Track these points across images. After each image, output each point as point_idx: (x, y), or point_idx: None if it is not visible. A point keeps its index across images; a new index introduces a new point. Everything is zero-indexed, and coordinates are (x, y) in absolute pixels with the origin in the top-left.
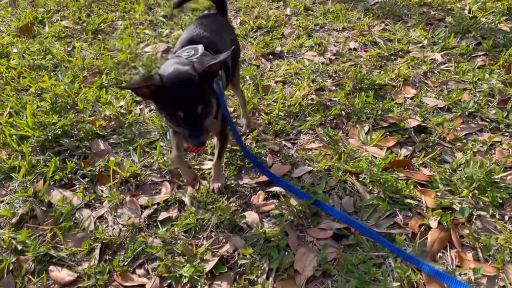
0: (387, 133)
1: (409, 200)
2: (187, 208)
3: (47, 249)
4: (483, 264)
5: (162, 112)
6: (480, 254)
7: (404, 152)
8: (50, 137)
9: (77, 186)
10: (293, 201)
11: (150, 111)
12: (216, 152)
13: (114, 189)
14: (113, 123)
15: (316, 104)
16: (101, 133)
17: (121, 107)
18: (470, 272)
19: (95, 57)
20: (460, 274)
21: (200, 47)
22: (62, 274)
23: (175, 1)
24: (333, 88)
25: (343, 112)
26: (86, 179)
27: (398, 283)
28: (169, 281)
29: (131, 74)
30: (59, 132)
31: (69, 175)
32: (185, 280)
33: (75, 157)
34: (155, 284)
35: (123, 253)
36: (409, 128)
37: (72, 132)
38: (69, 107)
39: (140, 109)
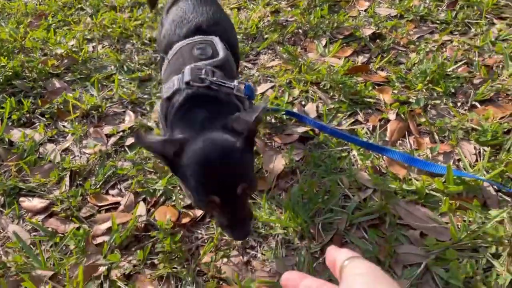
0: (344, 44)
1: (368, 100)
2: (154, 133)
3: (15, 182)
4: (439, 144)
5: (187, 190)
6: (436, 137)
7: (361, 59)
8: (1, 80)
9: (37, 124)
10: None
11: (103, 47)
12: None
13: (76, 123)
14: (66, 61)
15: (273, 24)
16: (54, 72)
17: (72, 45)
18: (428, 151)
19: (38, 3)
20: (419, 155)
21: (218, 43)
22: (34, 203)
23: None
24: (288, 9)
25: (300, 30)
26: (46, 117)
27: (362, 169)
28: (144, 196)
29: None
30: (10, 74)
31: (27, 115)
32: (159, 193)
33: (31, 97)
34: (129, 200)
35: (94, 178)
36: (364, 36)
37: (24, 73)
38: (17, 51)
39: (93, 46)
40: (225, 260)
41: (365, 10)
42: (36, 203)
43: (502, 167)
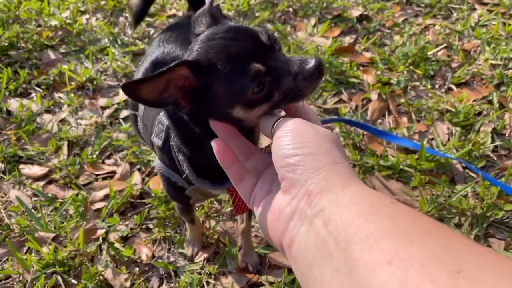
0: (332, 24)
1: (352, 80)
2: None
3: (14, 150)
4: (415, 123)
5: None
6: (413, 117)
7: (348, 40)
8: None
9: (34, 94)
10: None
11: (97, 19)
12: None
13: (72, 94)
14: (60, 33)
15: (264, 1)
16: (49, 44)
17: (66, 17)
18: (405, 130)
19: None
20: (396, 134)
21: None
22: (34, 170)
23: (133, 19)
24: None
25: (290, 9)
26: (42, 88)
27: (344, 146)
28: (138, 166)
29: None
30: (6, 45)
31: (24, 85)
32: (153, 164)
33: (27, 68)
34: (125, 169)
35: (90, 148)
36: (352, 17)
37: (19, 44)
38: (11, 21)
39: (87, 18)
40: (216, 227)
41: None
42: (36, 170)
43: (470, 146)
